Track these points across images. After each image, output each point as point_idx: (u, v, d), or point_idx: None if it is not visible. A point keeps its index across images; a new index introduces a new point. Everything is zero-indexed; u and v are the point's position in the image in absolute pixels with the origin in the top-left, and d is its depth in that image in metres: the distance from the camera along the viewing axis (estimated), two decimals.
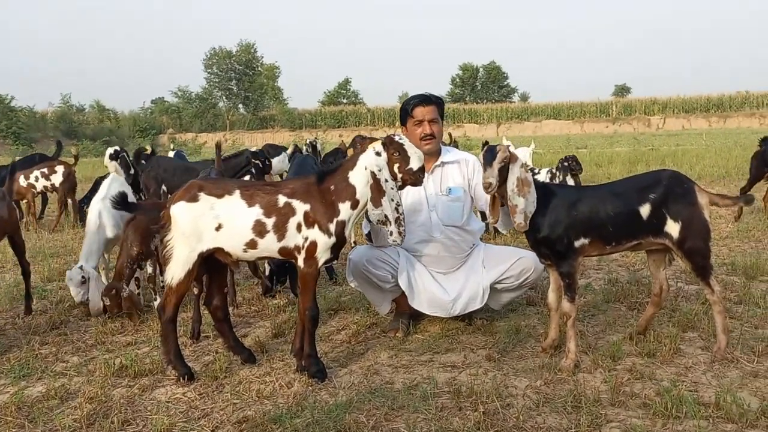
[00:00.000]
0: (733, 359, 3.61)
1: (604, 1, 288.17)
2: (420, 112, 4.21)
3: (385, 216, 3.40)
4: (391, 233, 3.42)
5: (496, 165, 3.46)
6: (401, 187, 3.53)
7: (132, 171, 9.81)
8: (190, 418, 3.14)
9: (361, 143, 8.39)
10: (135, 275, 4.82)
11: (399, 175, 3.46)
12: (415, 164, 3.45)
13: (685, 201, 3.59)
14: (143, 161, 8.99)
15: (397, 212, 3.41)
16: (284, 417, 3.06)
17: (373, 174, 3.40)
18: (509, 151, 3.51)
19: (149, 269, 4.96)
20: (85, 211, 9.71)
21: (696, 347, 3.85)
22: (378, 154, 3.44)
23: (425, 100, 4.25)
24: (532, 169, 9.13)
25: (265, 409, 3.20)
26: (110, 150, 10.35)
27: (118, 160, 10.06)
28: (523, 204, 3.48)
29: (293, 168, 6.67)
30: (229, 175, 6.94)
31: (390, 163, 3.44)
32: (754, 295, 4.74)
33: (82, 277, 4.88)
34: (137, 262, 4.74)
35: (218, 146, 6.15)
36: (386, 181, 3.40)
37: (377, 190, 3.40)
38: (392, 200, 3.40)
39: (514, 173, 3.49)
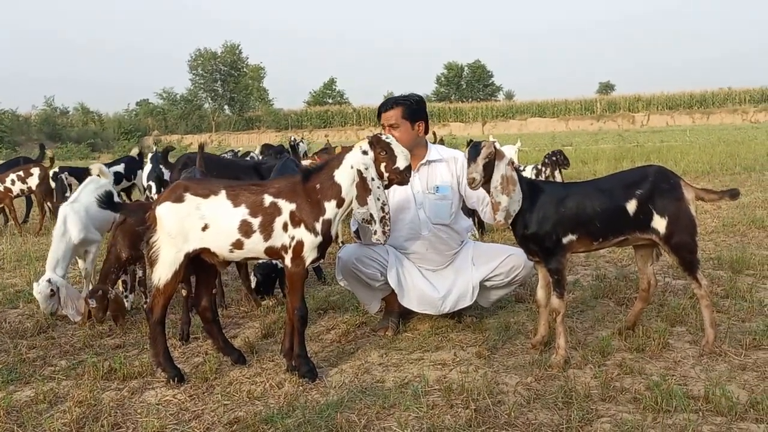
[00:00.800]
0: (721, 353, 3.64)
1: None
2: (384, 117, 4.22)
3: (371, 215, 3.40)
4: (375, 232, 3.42)
5: (481, 161, 3.47)
6: (387, 186, 3.52)
7: (68, 193, 9.15)
8: (181, 420, 3.13)
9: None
10: (122, 278, 4.78)
11: (385, 174, 3.45)
12: (401, 163, 3.44)
13: (672, 196, 3.61)
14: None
15: (383, 211, 3.41)
16: (276, 417, 3.05)
17: (359, 172, 3.40)
18: (495, 148, 3.52)
19: (140, 272, 4.91)
20: None
21: (684, 341, 3.88)
22: (365, 152, 3.43)
23: (385, 105, 4.25)
24: (517, 168, 9.15)
25: (257, 409, 3.18)
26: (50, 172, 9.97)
27: (57, 181, 9.64)
28: (506, 202, 3.48)
29: (274, 174, 6.65)
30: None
31: (377, 162, 3.44)
32: (740, 288, 4.78)
33: (51, 290, 4.68)
34: (125, 266, 4.68)
35: (201, 147, 6.21)
36: (372, 179, 3.39)
37: (363, 189, 3.39)
38: (378, 199, 3.40)
39: (500, 170, 3.49)
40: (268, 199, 3.48)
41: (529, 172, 9.27)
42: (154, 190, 9.73)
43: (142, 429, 3.03)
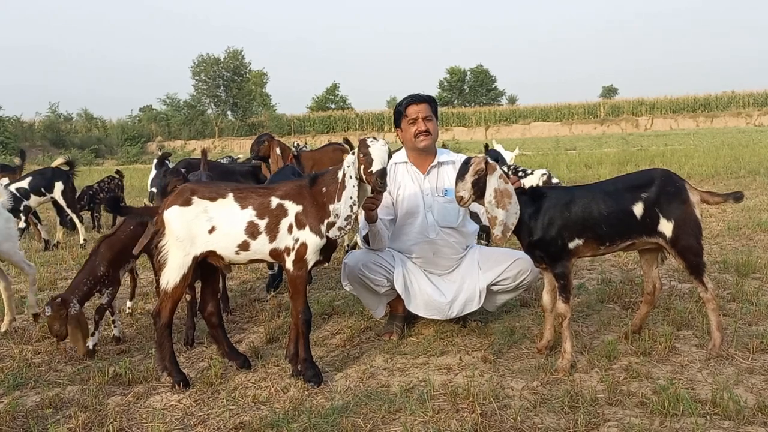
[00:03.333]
0: (728, 356, 3.63)
1: (590, 2, 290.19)
2: (413, 110, 4.22)
3: (341, 209, 3.37)
4: (333, 224, 3.40)
5: (469, 178, 3.45)
6: (373, 191, 3.46)
7: None
8: (186, 425, 3.12)
9: (269, 142, 8.42)
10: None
11: (363, 177, 3.39)
12: (375, 167, 3.32)
13: (678, 200, 3.60)
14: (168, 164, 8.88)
15: (351, 210, 3.36)
16: (281, 422, 3.04)
17: (343, 170, 3.42)
18: (485, 163, 3.48)
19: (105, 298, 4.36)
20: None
21: (691, 345, 3.87)
22: (353, 153, 3.45)
23: (417, 98, 4.27)
24: (524, 170, 9.07)
25: (262, 414, 3.18)
26: None
27: None
28: (503, 215, 3.46)
29: (270, 180, 6.60)
30: None
31: (358, 164, 3.40)
32: (746, 292, 4.76)
33: None
34: (99, 283, 4.26)
35: (204, 153, 6.30)
36: (350, 177, 3.38)
37: (341, 185, 3.39)
38: (350, 197, 3.36)
39: (492, 185, 3.47)
40: (274, 201, 3.50)
41: (537, 177, 9.15)
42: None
43: None
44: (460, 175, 3.49)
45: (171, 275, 3.50)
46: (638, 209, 3.58)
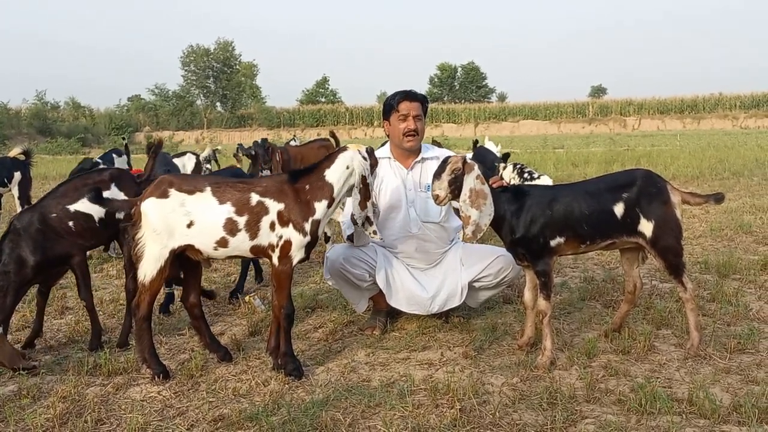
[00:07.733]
0: (706, 356, 3.66)
1: (581, 2, 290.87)
2: (406, 106, 4.18)
3: (367, 217, 3.47)
4: (375, 233, 3.55)
5: (445, 177, 3.49)
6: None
7: None
8: (165, 417, 3.12)
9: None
10: None
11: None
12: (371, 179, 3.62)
13: (658, 200, 3.62)
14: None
15: (373, 213, 3.53)
16: (261, 415, 3.04)
17: (363, 178, 3.46)
18: (462, 163, 3.51)
19: None
20: None
21: (670, 344, 3.90)
22: (365, 158, 3.47)
23: (411, 95, 4.22)
24: (530, 172, 8.77)
25: (242, 407, 3.18)
26: None
27: None
28: (476, 215, 3.48)
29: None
30: None
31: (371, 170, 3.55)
32: (726, 292, 4.80)
33: None
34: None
35: (159, 144, 4.99)
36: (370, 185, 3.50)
37: (365, 194, 3.48)
38: (372, 202, 3.53)
39: (468, 184, 3.49)
40: (254, 198, 3.47)
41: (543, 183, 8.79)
42: None
43: (125, 425, 3.02)
44: (437, 174, 3.52)
45: (148, 268, 3.48)
46: (619, 209, 3.60)
